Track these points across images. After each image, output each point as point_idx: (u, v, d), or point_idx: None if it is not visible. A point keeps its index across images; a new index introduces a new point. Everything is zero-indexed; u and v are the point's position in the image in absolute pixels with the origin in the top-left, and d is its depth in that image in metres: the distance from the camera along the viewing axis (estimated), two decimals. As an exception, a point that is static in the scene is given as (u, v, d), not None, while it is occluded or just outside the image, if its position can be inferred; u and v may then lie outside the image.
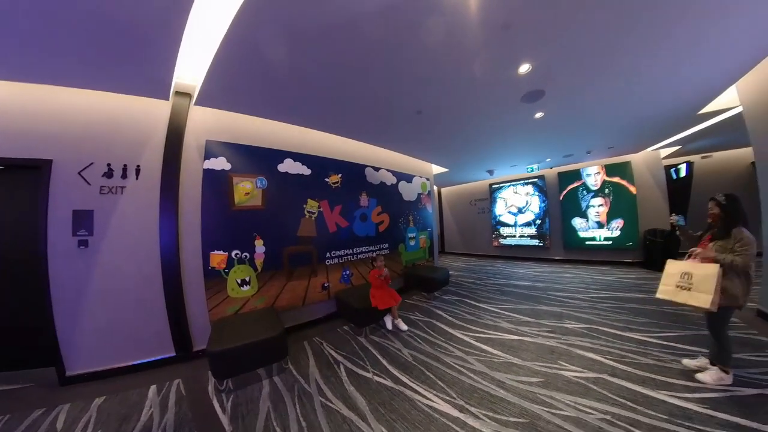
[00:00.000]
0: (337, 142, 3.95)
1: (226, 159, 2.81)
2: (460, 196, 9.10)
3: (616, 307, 3.51)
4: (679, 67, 2.53)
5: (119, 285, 2.29)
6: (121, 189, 2.36)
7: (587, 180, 6.39)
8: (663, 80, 2.77)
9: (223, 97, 2.65)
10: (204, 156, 2.70)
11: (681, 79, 2.77)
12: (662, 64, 2.47)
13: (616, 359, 2.24)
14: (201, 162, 2.70)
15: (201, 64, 2.19)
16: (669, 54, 2.32)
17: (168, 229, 2.44)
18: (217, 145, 2.79)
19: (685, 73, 2.65)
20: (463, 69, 2.40)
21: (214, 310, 2.61)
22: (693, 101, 3.35)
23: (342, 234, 3.79)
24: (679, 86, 2.93)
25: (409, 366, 2.32)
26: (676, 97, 3.19)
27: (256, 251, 2.89)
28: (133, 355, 2.34)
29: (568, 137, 4.60)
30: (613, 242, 6.02)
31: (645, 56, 2.34)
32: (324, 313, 3.54)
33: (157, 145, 2.51)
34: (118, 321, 2.28)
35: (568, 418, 1.60)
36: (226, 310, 2.67)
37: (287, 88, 2.52)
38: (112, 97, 2.36)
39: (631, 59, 2.38)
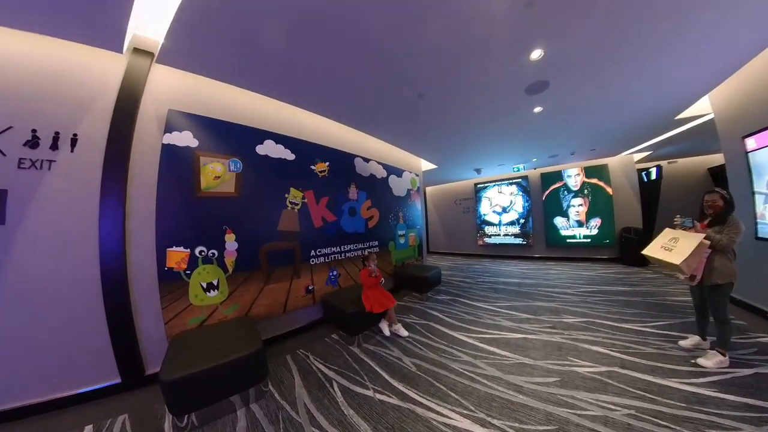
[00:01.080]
0: (326, 126, 3.56)
1: (192, 134, 2.32)
2: (445, 196, 9.13)
3: (605, 300, 3.66)
4: (664, 77, 2.88)
5: (41, 292, 1.72)
6: (49, 163, 1.79)
7: (568, 181, 6.70)
8: (649, 87, 3.08)
9: (192, 56, 2.15)
10: (164, 128, 2.19)
11: (664, 87, 3.12)
12: (652, 72, 2.77)
13: (621, 351, 2.28)
14: (160, 135, 2.18)
15: (167, 11, 1.72)
16: (658, 65, 2.64)
17: (111, 219, 1.90)
18: (182, 116, 2.28)
19: (668, 82, 3.02)
20: (476, 50, 2.28)
21: (173, 322, 2.11)
22: (672, 107, 3.71)
23: (329, 229, 3.42)
24: (663, 93, 3.28)
25: (414, 378, 2.05)
26: (658, 102, 3.49)
27: (226, 248, 2.42)
28: (62, 384, 1.77)
29: (558, 136, 4.70)
30: (591, 240, 6.39)
31: (639, 63, 2.57)
32: (308, 320, 3.13)
33: (103, 110, 1.95)
34: (40, 341, 1.71)
35: (595, 418, 1.55)
36: (188, 322, 2.18)
37: (273, 53, 2.11)
38: (45, 42, 1.79)
39: (628, 64, 2.58)
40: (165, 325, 2.08)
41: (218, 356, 1.66)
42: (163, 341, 2.07)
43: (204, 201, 2.33)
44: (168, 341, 2.04)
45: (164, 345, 2.03)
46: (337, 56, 2.21)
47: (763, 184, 2.96)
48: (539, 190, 7.11)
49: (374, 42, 2.08)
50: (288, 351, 2.58)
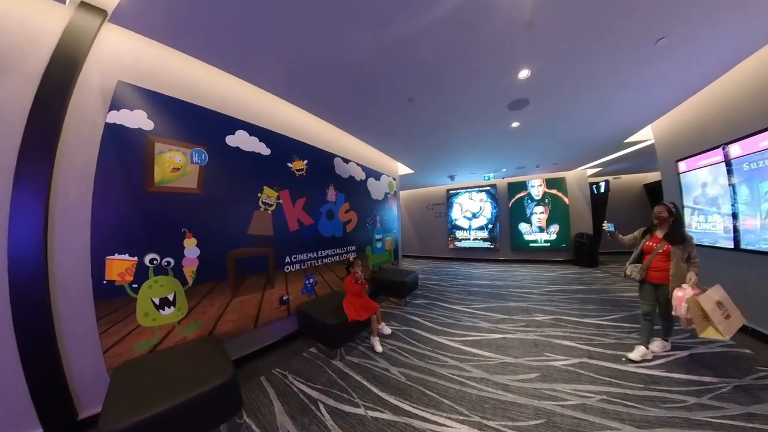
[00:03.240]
0: (306, 121, 3.33)
1: (146, 114, 1.94)
2: (418, 200, 9.37)
3: (567, 298, 4.09)
4: (621, 106, 3.43)
5: None
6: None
7: (531, 191, 7.42)
8: (609, 114, 3.64)
9: (157, 19, 1.81)
10: (110, 104, 1.79)
11: (619, 115, 3.70)
12: (612, 102, 3.29)
13: (586, 343, 2.60)
14: (104, 112, 1.78)
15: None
16: (618, 97, 3.15)
17: (28, 215, 1.47)
18: (135, 91, 1.90)
19: (623, 111, 3.61)
20: (472, 63, 2.36)
21: (115, 349, 1.71)
22: (623, 132, 4.41)
23: (305, 233, 3.18)
24: (617, 120, 3.90)
25: (404, 388, 2.00)
26: (613, 127, 4.15)
27: (185, 255, 2.08)
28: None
29: (528, 150, 5.16)
30: (551, 244, 7.18)
31: (604, 93, 3.03)
32: (283, 334, 2.85)
33: (29, 72, 1.51)
34: None
35: (576, 406, 1.75)
36: (135, 348, 1.79)
37: (255, 31, 1.87)
38: None
39: (596, 93, 3.02)
40: (104, 354, 1.68)
41: (178, 390, 1.37)
42: (103, 375, 1.67)
43: (158, 197, 1.96)
44: (109, 374, 1.65)
45: (105, 380, 1.64)
46: (329, 46, 2.06)
47: (690, 199, 3.58)
48: (506, 198, 7.74)
49: (370, 39, 2.00)
50: (262, 371, 2.30)
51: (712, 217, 3.21)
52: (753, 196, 2.69)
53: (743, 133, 2.74)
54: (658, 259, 2.20)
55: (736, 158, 2.85)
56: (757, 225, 2.65)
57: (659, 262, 2.19)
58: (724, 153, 2.97)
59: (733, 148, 2.87)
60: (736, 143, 2.83)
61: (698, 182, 3.40)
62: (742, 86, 2.72)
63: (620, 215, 7.26)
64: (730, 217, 2.95)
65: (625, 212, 7.66)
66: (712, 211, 3.20)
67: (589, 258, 6.34)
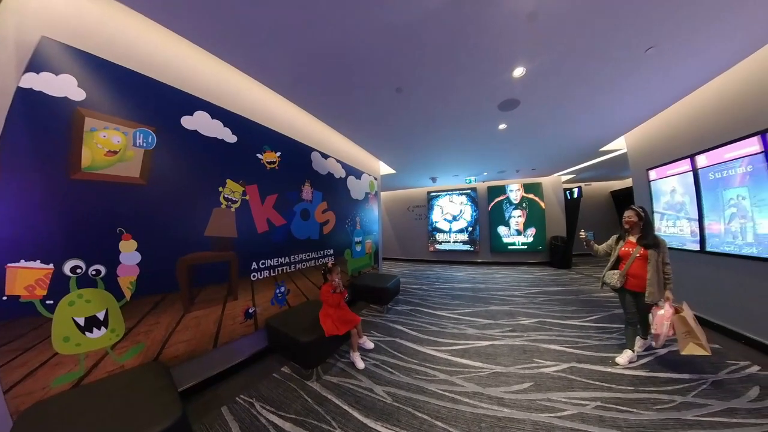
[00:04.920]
0: (282, 108, 3.04)
1: (77, 81, 1.57)
2: (398, 202, 9.36)
3: (548, 300, 4.24)
4: (601, 115, 3.67)
5: None
6: None
7: (510, 195, 7.75)
8: (589, 122, 3.86)
9: None
10: (28, 64, 1.41)
11: (598, 124, 3.96)
12: (594, 110, 3.46)
13: (573, 346, 2.67)
14: (16, 73, 1.39)
15: None
16: (599, 105, 3.35)
17: None
18: (64, 51, 1.53)
19: (601, 121, 3.85)
20: (467, 55, 2.29)
21: (22, 386, 1.32)
22: (599, 140, 4.74)
23: (276, 235, 2.89)
24: (596, 129, 4.16)
25: (392, 411, 1.84)
26: (591, 135, 4.42)
27: (121, 262, 1.71)
28: None
29: (511, 154, 5.30)
30: (528, 246, 7.56)
31: (588, 100, 3.17)
32: (250, 352, 2.54)
33: None
34: None
35: (573, 416, 1.74)
36: (51, 383, 1.41)
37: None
38: None
39: (583, 100, 3.16)
40: (5, 394, 1.28)
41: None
42: (5, 421, 1.28)
43: (85, 187, 1.59)
44: (13, 420, 1.27)
45: (7, 426, 1.26)
46: (312, 24, 1.86)
47: (659, 205, 3.88)
48: (486, 201, 8.01)
49: (361, 21, 1.85)
50: (224, 400, 1.99)
51: (680, 222, 3.50)
52: (717, 203, 2.95)
53: (709, 145, 3.00)
54: (637, 266, 2.26)
55: (702, 168, 3.12)
56: (721, 229, 2.91)
57: (637, 268, 2.25)
58: (692, 163, 3.24)
59: (700, 158, 3.13)
60: (703, 154, 3.09)
61: (667, 189, 3.69)
62: (710, 102, 2.97)
63: (590, 220, 7.88)
64: (696, 222, 3.22)
65: (594, 217, 8.33)
66: (680, 216, 3.49)
67: (564, 260, 6.75)
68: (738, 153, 2.67)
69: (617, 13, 1.86)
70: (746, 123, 2.59)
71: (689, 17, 1.93)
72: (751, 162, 2.55)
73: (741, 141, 2.63)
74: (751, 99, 2.54)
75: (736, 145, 2.68)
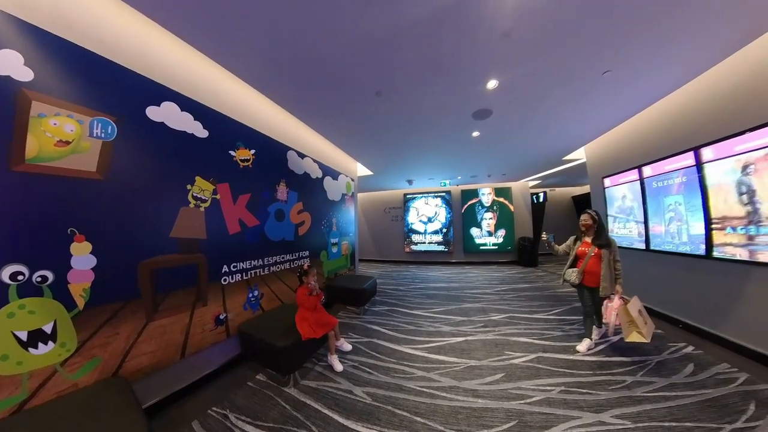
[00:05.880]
0: (258, 104, 2.94)
1: (23, 59, 1.39)
2: (375, 204, 9.46)
3: (517, 296, 4.58)
4: (564, 127, 4.04)
5: None
6: None
7: (482, 198, 8.24)
8: (553, 132, 4.22)
9: None
10: None
11: (561, 135, 4.37)
12: (558, 122, 3.81)
13: (539, 338, 2.92)
14: None
15: None
16: (563, 118, 3.67)
17: None
18: (9, 22, 1.35)
19: (564, 132, 4.25)
20: (445, 66, 2.43)
21: None
22: (562, 150, 5.22)
23: (249, 236, 2.78)
24: (559, 139, 4.57)
25: (371, 411, 1.88)
26: (555, 144, 4.87)
27: (73, 266, 1.54)
28: None
29: (483, 159, 5.65)
30: (498, 247, 8.09)
31: (552, 113, 3.48)
32: (222, 361, 2.41)
33: None
34: None
35: (541, 402, 1.91)
36: None
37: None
38: None
39: (545, 112, 3.45)
40: None
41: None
42: None
43: (30, 181, 1.41)
44: None
45: None
46: (292, 22, 1.84)
47: (613, 209, 4.36)
48: (459, 203, 8.42)
49: (343, 24, 1.89)
50: (195, 413, 1.88)
51: (629, 224, 3.96)
52: (659, 208, 3.40)
53: (653, 158, 3.45)
54: (592, 264, 2.54)
55: (647, 177, 3.58)
56: (662, 231, 3.35)
57: (592, 266, 2.54)
58: (639, 173, 3.70)
59: (646, 169, 3.59)
60: (648, 165, 3.54)
61: (619, 195, 4.16)
62: (655, 120, 3.42)
63: (553, 221, 8.61)
64: (642, 224, 3.68)
65: (557, 219, 9.16)
66: (630, 219, 3.95)
67: (531, 259, 7.33)
68: (676, 165, 3.11)
69: (579, 40, 2.11)
70: (683, 140, 3.02)
71: (639, 49, 2.25)
72: (686, 173, 2.98)
73: (678, 155, 3.06)
74: (687, 120, 2.98)
75: (675, 159, 3.12)
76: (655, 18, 1.92)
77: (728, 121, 2.53)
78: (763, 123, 2.21)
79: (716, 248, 2.67)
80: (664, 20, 1.95)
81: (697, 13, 1.89)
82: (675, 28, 2.04)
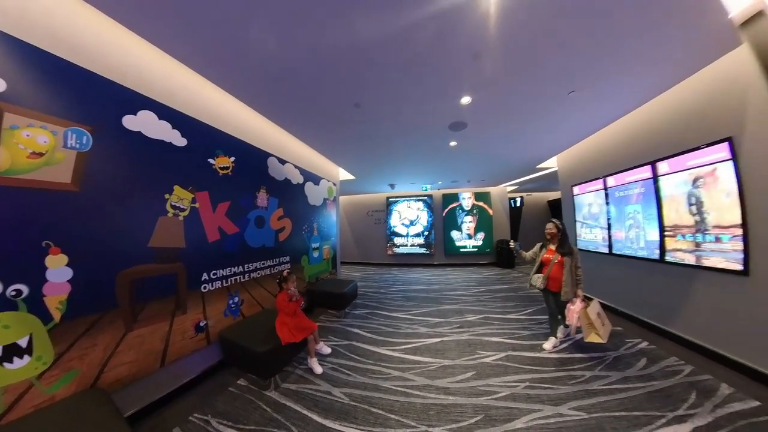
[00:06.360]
0: (237, 111, 2.97)
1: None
2: (358, 207, 9.57)
3: (492, 297, 4.84)
4: (537, 139, 4.33)
5: None
6: None
7: (462, 202, 8.56)
8: (526, 143, 4.53)
9: None
10: None
11: (534, 145, 4.66)
12: (530, 134, 4.08)
13: (510, 337, 3.13)
14: None
15: None
16: (534, 130, 3.93)
17: None
18: None
19: (537, 144, 4.57)
20: (422, 82, 2.59)
21: None
22: (536, 159, 5.56)
23: (228, 244, 2.81)
24: (533, 149, 4.89)
25: (349, 411, 1.99)
26: (529, 154, 5.20)
27: (48, 279, 1.55)
28: None
29: (462, 167, 5.93)
30: (478, 249, 8.43)
31: (524, 125, 3.75)
32: (202, 368, 2.44)
33: None
34: None
35: (506, 397, 2.09)
36: None
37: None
38: None
39: (517, 125, 3.73)
40: None
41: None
42: None
43: (2, 194, 1.41)
44: None
45: None
46: (272, 35, 1.92)
47: (581, 216, 4.69)
48: (440, 207, 8.70)
49: (319, 42, 1.98)
50: (176, 420, 1.91)
51: (595, 230, 4.29)
52: (621, 216, 3.71)
53: (616, 170, 3.77)
54: (555, 270, 2.73)
55: (611, 187, 3.90)
56: (623, 236, 3.67)
57: (556, 272, 2.72)
58: (604, 183, 4.02)
59: (610, 179, 3.91)
60: (612, 176, 3.87)
61: (586, 203, 4.49)
62: (617, 135, 3.75)
63: (530, 224, 9.05)
64: (606, 230, 4.00)
65: (533, 222, 9.64)
66: (595, 225, 4.28)
67: (508, 261, 7.70)
68: (635, 177, 3.42)
69: (546, 63, 2.31)
70: (642, 154, 3.34)
71: (599, 74, 2.52)
72: (644, 185, 3.29)
73: (638, 168, 3.37)
74: (646, 135, 3.29)
75: (634, 171, 3.43)
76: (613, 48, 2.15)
77: (682, 138, 2.81)
78: (712, 141, 2.49)
79: (668, 253, 2.97)
80: (621, 50, 2.18)
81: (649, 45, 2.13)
82: (631, 57, 2.29)
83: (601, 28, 1.93)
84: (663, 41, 2.10)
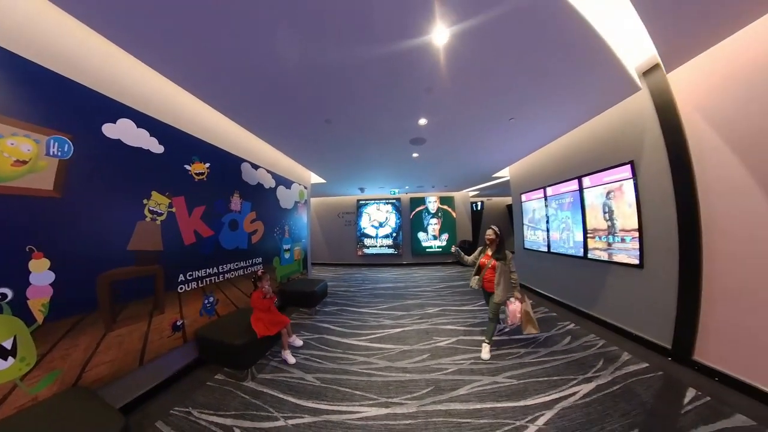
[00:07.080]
0: (212, 118, 3.09)
1: None
2: (329, 209, 9.74)
3: (452, 292, 5.39)
4: (491, 152, 4.90)
5: None
6: None
7: (428, 205, 9.16)
8: (482, 156, 5.14)
9: None
10: None
11: (489, 158, 5.29)
12: (484, 148, 4.67)
13: (463, 325, 3.61)
14: None
15: None
16: (488, 145, 4.48)
17: None
18: None
19: (490, 157, 5.21)
20: (384, 106, 3.04)
21: None
22: (491, 169, 6.30)
23: (204, 247, 2.93)
24: (488, 161, 5.55)
25: (320, 391, 2.28)
26: (485, 165, 5.89)
27: (31, 283, 1.63)
28: None
29: (426, 174, 6.50)
30: (442, 249, 9.06)
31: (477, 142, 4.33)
32: (179, 366, 2.54)
33: None
34: None
35: (454, 371, 2.50)
36: None
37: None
38: None
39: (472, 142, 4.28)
40: None
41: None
42: None
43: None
44: None
45: None
46: (242, 51, 2.09)
47: (527, 220, 5.41)
48: (408, 210, 9.24)
49: (296, 54, 2.13)
50: (157, 415, 2.03)
51: (537, 232, 5.01)
52: (556, 221, 4.43)
53: (553, 181, 4.46)
54: (490, 273, 2.91)
55: (549, 196, 4.60)
56: (558, 238, 4.37)
57: (490, 275, 2.90)
58: (544, 192, 4.73)
59: (549, 189, 4.61)
60: (550, 187, 4.57)
61: (531, 209, 5.22)
62: (553, 154, 4.47)
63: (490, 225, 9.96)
64: (545, 232, 4.71)
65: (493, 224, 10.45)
66: (538, 228, 5.00)
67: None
68: (567, 188, 4.11)
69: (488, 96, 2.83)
70: (572, 169, 4.03)
71: (532, 106, 3.09)
72: (573, 195, 3.97)
73: (569, 181, 4.06)
74: (575, 154, 3.98)
75: (566, 183, 4.12)
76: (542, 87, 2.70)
77: (599, 158, 3.49)
78: (619, 163, 3.15)
79: (590, 251, 3.65)
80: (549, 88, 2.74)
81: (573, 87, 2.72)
82: (557, 95, 2.87)
83: (533, 72, 2.45)
84: (585, 86, 2.71)
